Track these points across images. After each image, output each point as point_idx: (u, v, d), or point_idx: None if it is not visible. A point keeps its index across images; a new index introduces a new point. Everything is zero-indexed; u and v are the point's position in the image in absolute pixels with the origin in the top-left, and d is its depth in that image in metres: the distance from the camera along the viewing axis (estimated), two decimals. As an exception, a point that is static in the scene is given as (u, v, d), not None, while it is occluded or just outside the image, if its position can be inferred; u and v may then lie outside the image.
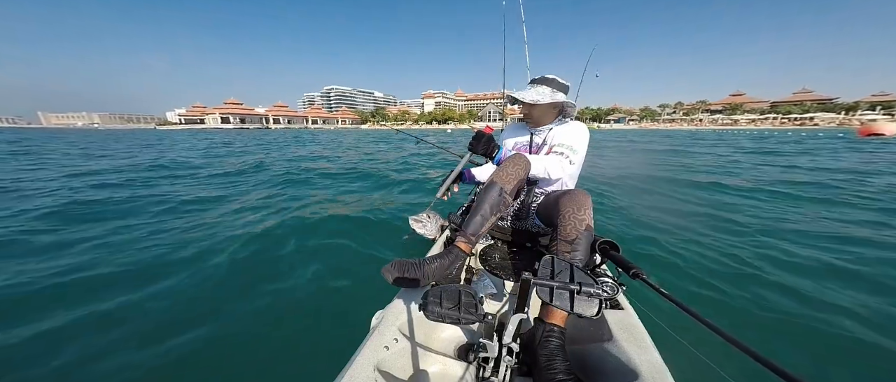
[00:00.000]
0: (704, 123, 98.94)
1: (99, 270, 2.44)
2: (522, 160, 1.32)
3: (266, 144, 17.39)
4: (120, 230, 3.34)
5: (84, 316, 1.90)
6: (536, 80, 1.50)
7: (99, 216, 3.79)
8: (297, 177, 6.72)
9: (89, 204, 4.21)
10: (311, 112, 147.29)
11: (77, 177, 6.23)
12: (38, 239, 2.99)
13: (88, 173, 6.73)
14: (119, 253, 2.77)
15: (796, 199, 4.47)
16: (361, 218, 3.94)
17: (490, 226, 1.24)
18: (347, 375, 0.81)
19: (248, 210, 4.41)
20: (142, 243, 3.00)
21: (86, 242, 2.97)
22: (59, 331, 1.76)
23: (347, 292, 2.25)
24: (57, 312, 1.91)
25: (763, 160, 9.38)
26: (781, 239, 2.88)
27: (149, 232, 3.33)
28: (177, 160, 9.31)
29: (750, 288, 2.08)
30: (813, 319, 1.77)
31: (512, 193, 1.27)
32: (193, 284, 2.39)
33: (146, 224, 3.61)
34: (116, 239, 3.08)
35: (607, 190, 4.92)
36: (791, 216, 3.62)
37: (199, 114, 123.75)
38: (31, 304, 2.00)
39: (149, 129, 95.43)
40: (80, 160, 9.29)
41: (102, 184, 5.58)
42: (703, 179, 5.97)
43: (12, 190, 5.00)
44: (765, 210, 3.92)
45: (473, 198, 1.78)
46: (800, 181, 5.76)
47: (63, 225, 3.42)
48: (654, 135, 28.03)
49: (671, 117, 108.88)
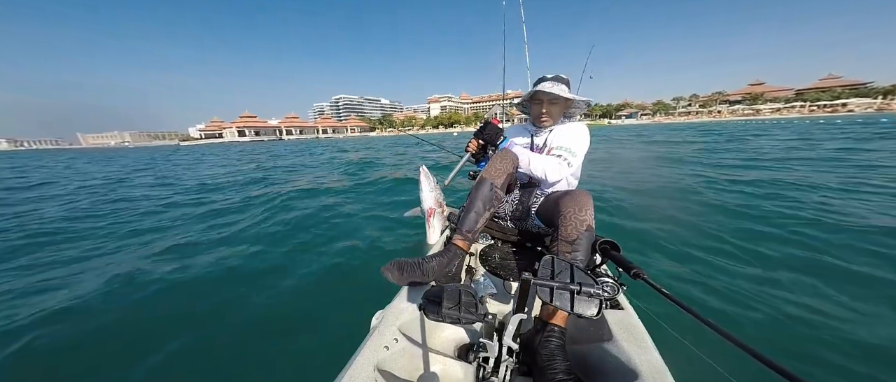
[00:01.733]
0: (724, 114, 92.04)
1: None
2: (509, 154, 1.36)
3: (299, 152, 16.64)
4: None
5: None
6: (550, 78, 1.50)
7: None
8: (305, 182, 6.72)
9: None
10: (321, 122, 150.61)
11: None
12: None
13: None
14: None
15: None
16: (362, 217, 3.95)
17: (485, 222, 1.26)
18: (347, 375, 0.81)
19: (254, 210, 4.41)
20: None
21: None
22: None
23: (347, 292, 2.25)
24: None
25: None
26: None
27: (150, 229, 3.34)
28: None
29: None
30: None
31: (503, 187, 1.31)
32: (196, 281, 2.39)
33: (149, 225, 3.62)
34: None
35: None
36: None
37: (217, 129, 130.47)
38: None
39: (173, 145, 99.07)
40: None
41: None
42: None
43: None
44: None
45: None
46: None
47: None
48: (695, 132, 21.38)
49: (686, 110, 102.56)
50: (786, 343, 1.66)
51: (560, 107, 1.52)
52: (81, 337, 1.83)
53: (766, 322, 1.80)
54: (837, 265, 2.32)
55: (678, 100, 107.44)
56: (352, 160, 11.37)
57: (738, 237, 2.84)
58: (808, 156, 7.49)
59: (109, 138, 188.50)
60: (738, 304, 1.95)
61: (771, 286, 2.12)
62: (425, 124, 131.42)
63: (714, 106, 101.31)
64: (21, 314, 2.00)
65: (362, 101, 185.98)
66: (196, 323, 1.93)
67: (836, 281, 2.12)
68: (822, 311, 1.85)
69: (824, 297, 1.98)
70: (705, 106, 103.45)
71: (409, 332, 1.03)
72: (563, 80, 1.49)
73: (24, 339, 1.77)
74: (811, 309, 1.87)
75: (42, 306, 2.08)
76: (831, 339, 1.64)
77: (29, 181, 9.24)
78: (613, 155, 10.06)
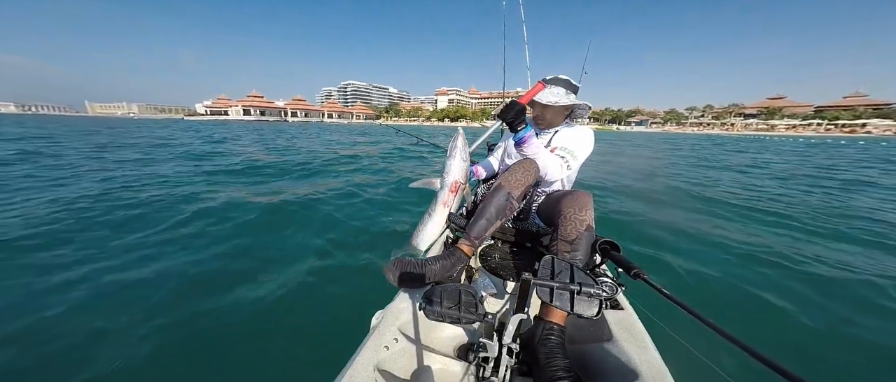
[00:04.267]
0: (737, 128, 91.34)
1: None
2: (532, 166, 1.31)
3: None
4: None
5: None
6: (549, 80, 1.46)
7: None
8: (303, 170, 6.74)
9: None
10: (328, 106, 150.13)
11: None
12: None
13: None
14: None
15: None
16: (362, 217, 3.95)
17: (494, 230, 1.24)
18: (347, 375, 0.81)
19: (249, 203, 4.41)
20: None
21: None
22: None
23: (347, 292, 2.25)
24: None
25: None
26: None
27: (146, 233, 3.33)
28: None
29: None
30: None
31: (519, 199, 1.27)
32: (190, 273, 2.39)
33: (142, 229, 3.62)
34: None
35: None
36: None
37: (223, 106, 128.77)
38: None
39: (177, 119, 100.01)
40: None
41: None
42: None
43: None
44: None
45: (476, 201, 1.76)
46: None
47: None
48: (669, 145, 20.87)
49: (699, 121, 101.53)
50: (785, 344, 1.66)
51: (558, 110, 1.49)
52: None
53: (770, 322, 1.80)
54: (841, 269, 2.33)
55: (691, 110, 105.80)
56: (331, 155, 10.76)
57: (742, 236, 2.84)
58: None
59: (116, 108, 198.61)
60: (740, 305, 1.95)
61: (772, 284, 2.12)
62: (431, 116, 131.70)
63: (728, 118, 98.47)
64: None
65: (370, 88, 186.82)
66: (196, 322, 1.93)
67: (836, 282, 2.12)
68: (823, 312, 1.85)
69: (825, 298, 1.98)
70: (719, 117, 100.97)
71: (408, 332, 1.03)
72: (563, 81, 1.46)
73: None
74: (807, 309, 1.87)
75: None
76: (837, 341, 1.64)
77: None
78: (616, 154, 10.08)
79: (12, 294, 2.08)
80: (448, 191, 1.31)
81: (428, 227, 1.34)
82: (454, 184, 1.28)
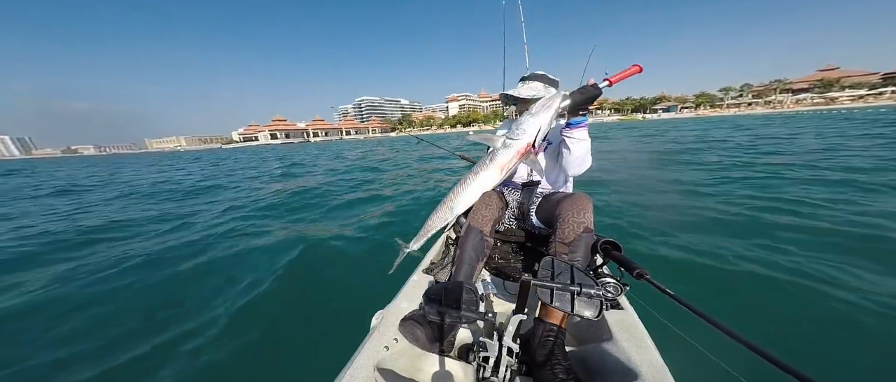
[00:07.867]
0: (787, 105, 77.43)
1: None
2: (493, 199, 1.31)
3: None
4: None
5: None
6: (527, 77, 1.51)
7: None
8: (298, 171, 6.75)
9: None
10: (345, 124, 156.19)
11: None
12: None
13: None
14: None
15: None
16: (362, 215, 3.95)
17: (481, 268, 1.23)
18: (347, 375, 0.82)
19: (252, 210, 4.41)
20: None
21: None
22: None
23: (347, 292, 2.25)
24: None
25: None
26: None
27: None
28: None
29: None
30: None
31: (491, 233, 1.26)
32: (195, 281, 2.39)
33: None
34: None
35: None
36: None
37: (253, 132, 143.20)
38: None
39: (216, 148, 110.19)
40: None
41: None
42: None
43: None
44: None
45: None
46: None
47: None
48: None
49: (736, 101, 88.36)
50: (795, 343, 1.64)
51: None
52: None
53: (773, 322, 1.79)
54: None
55: (726, 90, 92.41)
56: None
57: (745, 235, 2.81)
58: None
59: (168, 143, 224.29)
60: (744, 305, 1.93)
61: (772, 285, 2.10)
62: (443, 123, 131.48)
63: (773, 96, 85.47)
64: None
65: (383, 102, 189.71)
66: (195, 319, 1.93)
67: (838, 285, 2.10)
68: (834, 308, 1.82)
69: (827, 298, 1.97)
70: (760, 95, 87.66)
71: None
72: (539, 76, 1.49)
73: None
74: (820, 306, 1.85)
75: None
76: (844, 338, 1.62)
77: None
78: (618, 153, 10.03)
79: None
80: (515, 153, 1.04)
81: (469, 189, 1.16)
82: (526, 146, 1.02)
